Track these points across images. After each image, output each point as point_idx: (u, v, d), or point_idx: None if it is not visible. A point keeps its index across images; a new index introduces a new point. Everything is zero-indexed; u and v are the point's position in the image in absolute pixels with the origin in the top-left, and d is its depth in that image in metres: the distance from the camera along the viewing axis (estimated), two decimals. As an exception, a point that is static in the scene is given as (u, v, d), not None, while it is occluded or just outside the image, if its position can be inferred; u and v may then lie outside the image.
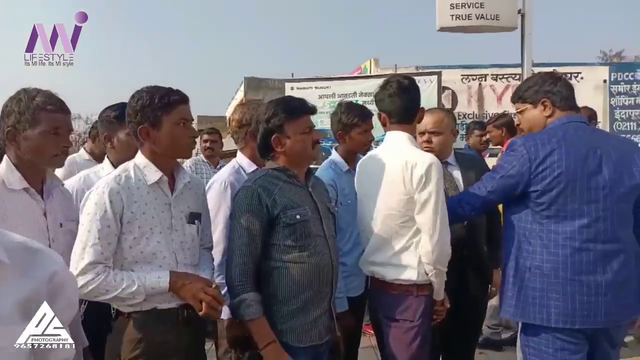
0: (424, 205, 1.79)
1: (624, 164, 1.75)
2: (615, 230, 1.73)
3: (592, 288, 1.70)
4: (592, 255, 1.71)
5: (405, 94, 1.95)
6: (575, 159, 1.72)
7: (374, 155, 2.03)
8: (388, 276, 1.87)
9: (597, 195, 1.72)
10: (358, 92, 7.79)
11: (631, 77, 9.36)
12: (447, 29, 5.23)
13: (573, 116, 1.85)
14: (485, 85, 9.51)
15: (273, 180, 1.69)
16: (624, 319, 1.79)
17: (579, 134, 1.78)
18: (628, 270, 1.74)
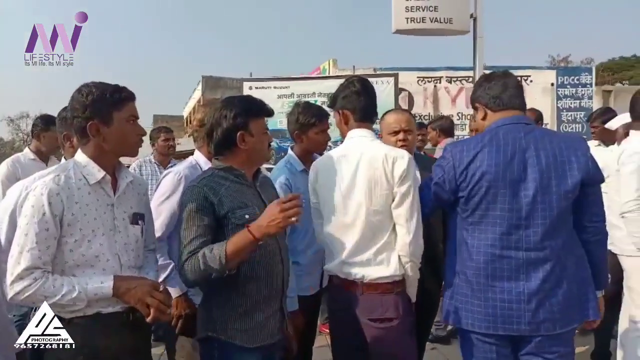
0: (403, 199, 1.78)
1: (555, 168, 1.64)
2: (542, 238, 1.64)
3: (513, 295, 1.65)
4: (513, 262, 1.66)
5: (370, 93, 1.97)
6: (498, 163, 1.67)
7: (342, 153, 1.90)
8: (372, 275, 1.80)
9: (520, 202, 1.65)
10: (317, 92, 7.81)
11: (576, 81, 9.82)
12: (403, 32, 5.32)
13: (507, 118, 1.75)
14: (440, 87, 9.76)
15: (219, 180, 1.66)
16: (557, 329, 1.66)
17: (507, 137, 1.70)
18: (558, 279, 1.65)
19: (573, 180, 1.64)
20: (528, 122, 1.77)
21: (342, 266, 1.85)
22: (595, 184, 1.69)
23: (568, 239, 1.69)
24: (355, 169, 1.82)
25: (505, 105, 1.77)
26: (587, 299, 1.70)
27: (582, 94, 9.72)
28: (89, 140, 1.51)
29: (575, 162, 1.65)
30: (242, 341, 1.60)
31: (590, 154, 1.69)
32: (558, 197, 1.64)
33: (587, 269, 1.72)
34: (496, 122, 1.76)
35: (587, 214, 1.70)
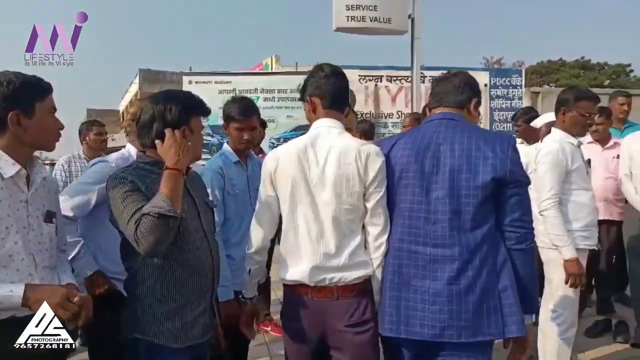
0: (379, 197, 1.68)
1: (468, 163, 1.58)
2: (450, 235, 1.57)
3: (418, 294, 1.58)
4: (420, 258, 1.59)
5: (340, 78, 1.79)
6: (410, 155, 1.66)
7: (309, 143, 1.71)
8: (348, 278, 1.66)
9: (429, 195, 1.61)
10: (259, 88, 7.73)
11: (508, 82, 10.32)
12: (343, 30, 5.39)
13: (437, 114, 1.77)
14: (380, 86, 9.92)
15: (144, 172, 1.60)
16: (463, 338, 1.54)
17: (426, 131, 1.70)
18: (469, 283, 1.54)
19: (484, 177, 1.56)
20: (454, 118, 1.72)
21: (312, 274, 1.66)
22: (514, 184, 1.59)
23: (486, 242, 1.58)
24: (324, 164, 1.67)
25: (437, 103, 1.80)
26: (512, 312, 1.56)
27: (513, 95, 10.23)
28: (5, 132, 1.41)
29: (490, 158, 1.57)
30: (171, 342, 1.55)
31: (511, 153, 1.60)
32: (467, 193, 1.57)
33: (511, 279, 1.59)
34: (428, 117, 1.80)
35: (506, 216, 1.60)
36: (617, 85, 20.99)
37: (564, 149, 2.62)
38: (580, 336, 3.67)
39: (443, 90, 1.78)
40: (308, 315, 1.70)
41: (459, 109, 1.76)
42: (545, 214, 2.59)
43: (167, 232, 1.44)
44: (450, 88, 1.77)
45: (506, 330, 1.55)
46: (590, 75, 27.37)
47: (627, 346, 3.49)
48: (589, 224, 2.67)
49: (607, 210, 3.78)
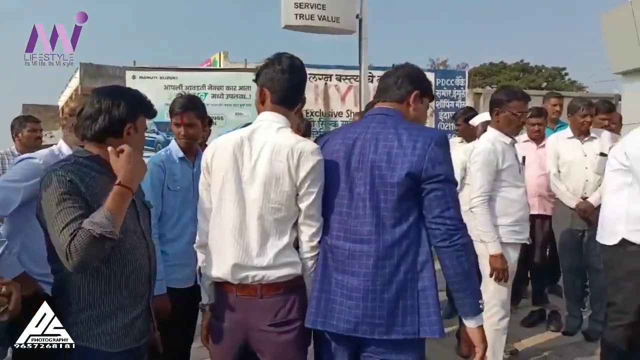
0: (312, 198, 1.63)
1: (388, 159, 1.56)
2: (368, 231, 1.56)
3: (338, 288, 1.59)
4: (340, 253, 1.60)
5: (296, 73, 1.72)
6: (338, 151, 1.66)
7: (247, 136, 1.66)
8: (273, 276, 1.61)
9: (352, 191, 1.61)
10: (207, 84, 7.58)
11: (452, 83, 10.67)
12: (292, 27, 5.36)
13: (373, 109, 1.77)
14: (330, 85, 9.98)
15: (83, 168, 1.52)
16: (376, 335, 1.53)
17: (357, 128, 1.70)
18: (385, 280, 1.53)
19: (400, 174, 1.54)
20: (388, 113, 1.70)
21: (234, 271, 1.62)
22: (431, 180, 1.54)
23: (406, 240, 1.55)
24: (257, 159, 1.63)
25: (377, 98, 1.80)
26: (429, 313, 1.53)
27: (457, 95, 10.57)
28: None
29: (409, 155, 1.54)
30: (107, 346, 1.49)
31: (431, 149, 1.54)
32: (385, 190, 1.55)
33: (432, 280, 1.56)
34: (365, 114, 1.80)
35: (428, 213, 1.56)
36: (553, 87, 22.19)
37: (495, 149, 2.73)
38: (517, 326, 3.87)
39: (384, 85, 1.77)
40: (232, 314, 1.66)
41: (398, 103, 1.73)
42: (474, 210, 2.72)
43: (101, 252, 1.40)
44: (390, 83, 1.75)
45: (421, 330, 1.52)
46: (529, 77, 28.75)
47: (559, 334, 3.70)
48: (519, 219, 2.79)
49: (541, 205, 3.99)
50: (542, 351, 3.46)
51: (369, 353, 1.60)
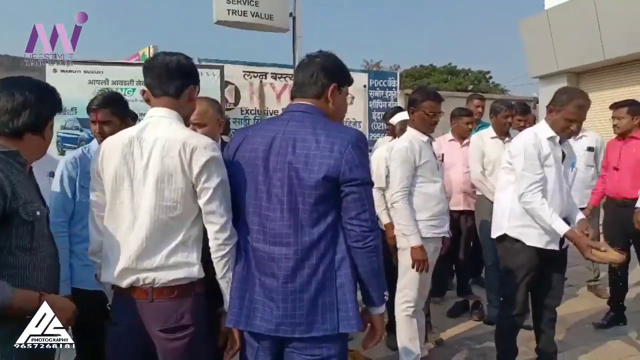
0: (210, 194, 1.57)
1: (305, 160, 1.54)
2: (286, 233, 1.55)
3: (259, 289, 1.58)
4: (260, 255, 1.58)
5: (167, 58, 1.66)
6: (256, 150, 1.61)
7: (136, 135, 1.59)
8: (165, 279, 1.56)
9: (270, 192, 1.58)
10: (135, 79, 7.25)
11: (384, 84, 10.99)
12: (224, 23, 5.29)
13: (292, 106, 1.71)
14: (266, 83, 9.91)
15: (6, 165, 1.42)
16: (297, 333, 1.55)
17: (276, 125, 1.65)
18: (305, 281, 1.54)
19: (317, 176, 1.52)
20: (306, 111, 1.66)
21: (123, 274, 1.56)
22: (349, 183, 1.54)
23: (324, 240, 1.56)
24: (148, 158, 1.56)
25: (295, 93, 1.74)
26: (346, 309, 1.56)
27: (389, 96, 10.86)
28: None
29: (326, 157, 1.53)
30: None
31: (348, 152, 1.53)
32: (302, 192, 1.54)
33: (349, 276, 1.57)
34: (285, 109, 1.76)
35: (344, 214, 1.57)
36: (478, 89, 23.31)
37: (413, 147, 2.86)
38: (443, 317, 4.06)
39: (301, 80, 1.71)
40: (127, 319, 1.60)
41: (317, 99, 1.68)
42: (395, 206, 2.84)
43: None
44: (307, 77, 1.69)
45: (341, 325, 1.55)
46: (456, 80, 30.11)
47: (481, 323, 3.91)
48: (437, 214, 2.94)
49: (466, 201, 4.20)
50: (465, 339, 3.64)
51: (291, 349, 1.61)
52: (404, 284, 2.97)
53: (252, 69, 9.71)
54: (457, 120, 4.24)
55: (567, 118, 2.55)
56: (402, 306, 2.98)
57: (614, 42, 10.64)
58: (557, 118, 2.58)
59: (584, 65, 11.83)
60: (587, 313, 4.09)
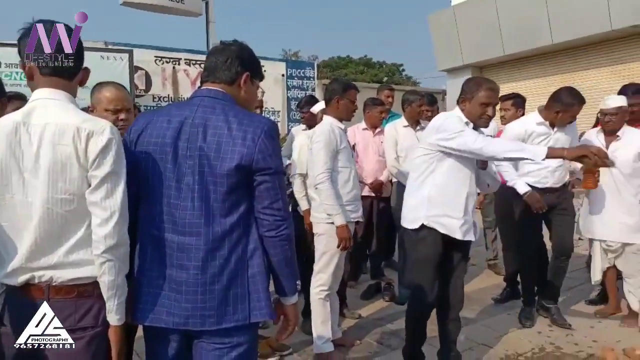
0: (101, 184, 1.42)
1: (217, 148, 1.50)
2: (197, 222, 1.50)
3: (167, 282, 1.51)
4: (168, 246, 1.51)
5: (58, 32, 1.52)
6: (165, 135, 1.53)
7: (21, 121, 1.42)
8: (64, 277, 1.43)
9: (180, 180, 1.51)
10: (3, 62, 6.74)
11: (302, 74, 11.09)
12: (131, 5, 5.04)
13: (202, 90, 1.64)
14: (179, 69, 9.59)
15: None
16: (207, 326, 1.50)
17: (185, 110, 1.57)
18: (216, 272, 1.50)
19: (229, 165, 1.49)
20: (217, 97, 1.60)
21: (18, 273, 1.42)
22: (261, 172, 1.53)
23: (236, 230, 1.53)
24: (39, 145, 1.40)
25: (206, 77, 1.68)
26: (259, 298, 1.55)
27: (307, 86, 11.03)
28: None
29: (239, 145, 1.50)
30: None
31: (261, 141, 1.52)
32: (214, 180, 1.50)
33: (261, 266, 1.56)
34: (192, 93, 1.68)
35: (257, 204, 1.55)
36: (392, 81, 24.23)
37: (334, 131, 2.98)
38: (357, 299, 4.20)
39: (213, 64, 1.65)
40: (21, 318, 1.45)
41: (228, 85, 1.64)
42: (319, 187, 2.91)
43: None
44: (221, 62, 1.64)
45: (252, 315, 1.54)
46: (372, 72, 31.01)
47: (392, 303, 4.11)
48: (352, 199, 3.06)
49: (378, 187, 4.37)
50: (377, 320, 3.80)
51: (200, 341, 1.57)
52: (319, 268, 3.05)
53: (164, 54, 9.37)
54: (371, 109, 4.39)
55: (481, 102, 2.55)
56: (316, 289, 3.06)
57: (512, 38, 11.52)
58: (471, 105, 2.59)
59: (486, 60, 12.70)
60: (488, 290, 4.43)
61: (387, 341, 3.39)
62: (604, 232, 3.52)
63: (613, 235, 3.47)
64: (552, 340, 3.35)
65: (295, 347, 3.27)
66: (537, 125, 3.44)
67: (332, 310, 3.12)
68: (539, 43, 11.05)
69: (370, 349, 3.29)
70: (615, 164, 3.24)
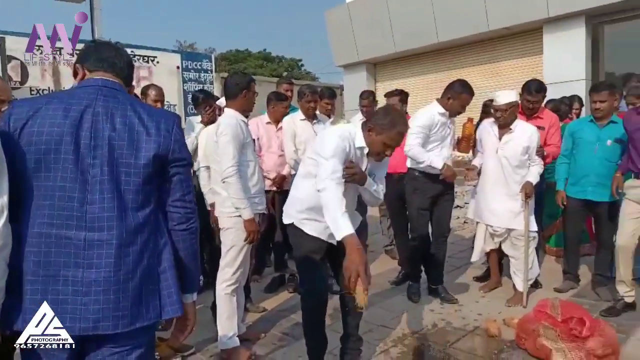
0: None
1: (130, 139, 1.44)
2: (108, 216, 1.40)
3: (70, 286, 1.37)
4: (73, 245, 1.38)
5: None
6: (62, 124, 1.41)
7: None
8: None
9: (85, 173, 1.40)
10: None
11: (199, 66, 10.74)
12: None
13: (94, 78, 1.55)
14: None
15: None
16: (120, 328, 1.40)
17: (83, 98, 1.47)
18: (129, 269, 1.41)
19: (146, 155, 1.45)
20: (115, 87, 1.54)
21: None
22: (176, 163, 1.52)
23: (149, 224, 1.47)
24: None
25: (96, 65, 1.58)
26: (169, 294, 1.50)
27: (204, 78, 10.67)
28: None
29: (154, 135, 1.47)
30: None
31: (175, 131, 1.52)
32: (128, 171, 1.44)
33: (170, 260, 1.52)
34: (82, 81, 1.57)
35: (169, 196, 1.53)
36: (292, 76, 24.37)
37: (239, 124, 2.95)
38: (261, 293, 4.21)
39: (106, 53, 1.59)
40: None
41: (119, 78, 1.59)
42: (228, 180, 2.86)
43: None
44: (112, 53, 1.59)
45: (164, 312, 1.50)
46: (271, 66, 30.98)
47: (296, 294, 4.17)
48: (257, 192, 3.07)
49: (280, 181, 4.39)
50: (281, 311, 3.84)
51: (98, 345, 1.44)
52: (226, 262, 3.02)
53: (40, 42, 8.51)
54: (276, 104, 4.36)
55: (385, 142, 2.45)
56: (222, 285, 3.02)
57: (402, 36, 12.16)
58: (375, 139, 2.46)
59: (379, 57, 13.27)
60: (385, 274, 4.66)
61: (292, 331, 3.44)
62: (491, 218, 3.84)
63: (500, 221, 3.80)
64: (443, 317, 3.63)
65: (199, 346, 3.20)
66: (440, 115, 3.74)
67: (237, 306, 3.10)
68: (426, 41, 11.78)
69: (275, 340, 3.32)
70: (506, 154, 3.63)
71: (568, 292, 4.03)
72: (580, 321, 2.76)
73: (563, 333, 2.77)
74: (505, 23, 10.27)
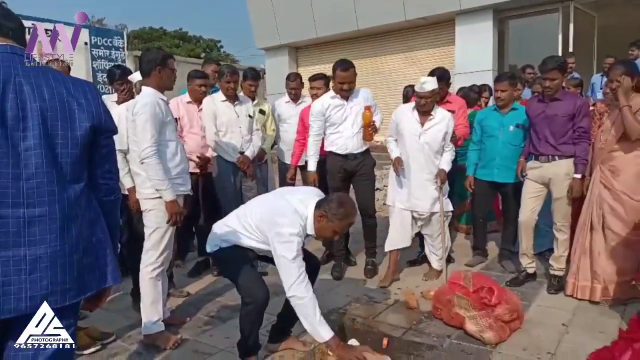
0: None
1: (62, 109, 1.38)
2: (50, 190, 1.36)
3: (10, 266, 1.32)
4: (11, 223, 1.32)
5: None
6: None
7: None
8: None
9: (17, 147, 1.33)
10: None
11: (110, 43, 10.09)
12: None
13: None
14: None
15: None
16: (68, 300, 1.41)
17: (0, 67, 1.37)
18: (73, 242, 1.41)
19: (82, 125, 1.42)
20: (18, 52, 1.43)
21: None
22: (106, 134, 1.51)
23: (84, 195, 1.46)
24: None
25: None
26: (106, 263, 1.51)
27: (116, 57, 10.04)
28: None
29: (85, 105, 1.43)
30: None
31: (100, 101, 1.50)
32: (65, 143, 1.39)
33: (105, 230, 1.53)
34: None
35: (100, 168, 1.52)
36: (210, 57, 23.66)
37: (158, 102, 2.82)
38: (185, 278, 4.12)
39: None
40: None
41: (19, 43, 1.47)
42: (146, 161, 2.74)
43: None
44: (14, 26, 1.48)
45: (106, 281, 1.52)
46: (188, 46, 29.81)
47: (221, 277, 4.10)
48: (180, 172, 2.97)
49: (202, 163, 4.29)
50: (206, 295, 3.80)
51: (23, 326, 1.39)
52: (151, 245, 2.93)
53: None
54: (192, 81, 4.24)
55: (335, 230, 2.54)
56: (147, 268, 2.93)
57: (323, 22, 12.24)
58: (326, 226, 2.51)
59: (301, 41, 13.26)
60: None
61: (217, 314, 3.41)
62: (417, 204, 3.87)
63: (425, 206, 3.86)
64: (365, 292, 3.78)
65: (119, 333, 3.08)
66: (331, 98, 3.95)
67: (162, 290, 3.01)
68: (346, 28, 11.95)
69: (201, 324, 3.27)
70: (427, 140, 3.76)
71: (478, 266, 4.35)
72: (489, 290, 3.00)
73: (475, 302, 3.00)
74: (421, 13, 10.69)
